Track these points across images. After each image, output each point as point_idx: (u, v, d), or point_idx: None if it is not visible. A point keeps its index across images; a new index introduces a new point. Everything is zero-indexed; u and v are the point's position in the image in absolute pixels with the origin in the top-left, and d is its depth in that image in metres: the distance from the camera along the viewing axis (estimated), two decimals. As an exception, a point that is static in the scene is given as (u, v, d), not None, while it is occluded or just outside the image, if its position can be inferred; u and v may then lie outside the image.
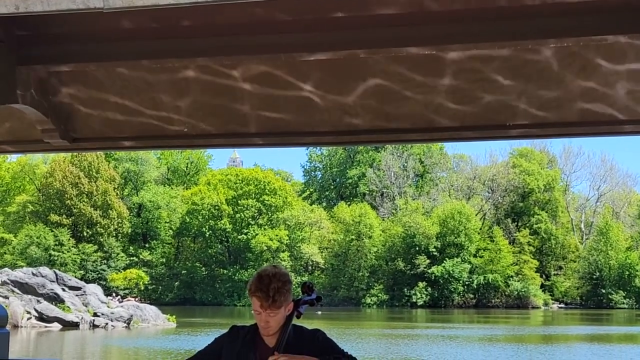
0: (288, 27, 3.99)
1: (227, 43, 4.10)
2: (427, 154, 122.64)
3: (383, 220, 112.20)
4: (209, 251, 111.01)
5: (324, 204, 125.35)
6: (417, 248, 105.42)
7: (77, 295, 53.98)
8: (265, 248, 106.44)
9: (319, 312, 66.54)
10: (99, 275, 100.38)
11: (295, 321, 4.75)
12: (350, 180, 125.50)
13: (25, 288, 51.81)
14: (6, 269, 60.02)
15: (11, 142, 5.11)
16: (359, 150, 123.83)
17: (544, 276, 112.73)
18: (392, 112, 4.42)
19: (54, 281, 53.95)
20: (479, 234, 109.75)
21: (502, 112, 4.32)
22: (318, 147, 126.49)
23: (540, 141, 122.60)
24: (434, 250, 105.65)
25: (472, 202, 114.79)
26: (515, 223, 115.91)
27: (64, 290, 53.41)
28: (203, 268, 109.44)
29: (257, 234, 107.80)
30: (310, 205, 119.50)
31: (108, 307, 55.06)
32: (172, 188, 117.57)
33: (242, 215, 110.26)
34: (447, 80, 4.34)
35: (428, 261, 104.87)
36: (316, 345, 4.64)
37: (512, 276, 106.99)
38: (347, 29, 3.90)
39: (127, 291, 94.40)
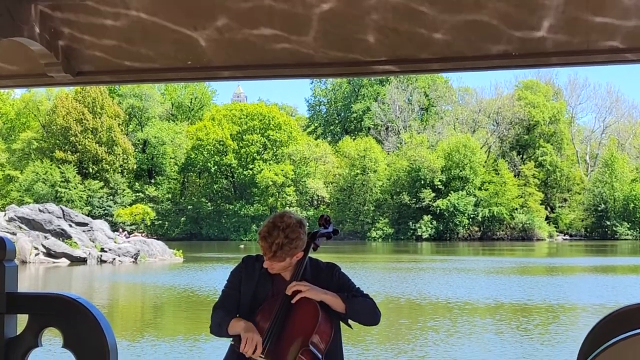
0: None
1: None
2: (432, 87, 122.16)
3: (388, 154, 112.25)
4: (215, 186, 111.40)
5: (329, 138, 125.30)
6: (422, 181, 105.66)
7: (84, 231, 54.26)
8: (270, 183, 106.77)
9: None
10: (106, 211, 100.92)
11: (311, 253, 4.74)
12: (355, 115, 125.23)
13: (32, 224, 52.08)
14: (13, 205, 60.30)
15: (14, 77, 5.04)
16: (364, 84, 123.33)
17: (548, 208, 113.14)
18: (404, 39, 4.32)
19: (60, 217, 54.20)
20: (484, 167, 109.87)
21: (503, 39, 4.22)
22: (322, 81, 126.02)
23: (546, 73, 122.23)
24: (439, 183, 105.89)
25: (477, 135, 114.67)
26: (520, 156, 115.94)
27: (70, 226, 53.69)
28: (209, 203, 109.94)
29: (262, 169, 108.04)
30: (315, 139, 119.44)
31: (115, 242, 55.37)
32: (176, 124, 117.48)
33: (247, 151, 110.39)
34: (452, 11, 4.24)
35: (433, 194, 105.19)
36: (333, 280, 4.63)
37: (517, 209, 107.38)
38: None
39: (133, 227, 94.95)
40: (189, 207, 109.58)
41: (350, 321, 4.59)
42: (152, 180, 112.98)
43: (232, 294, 4.70)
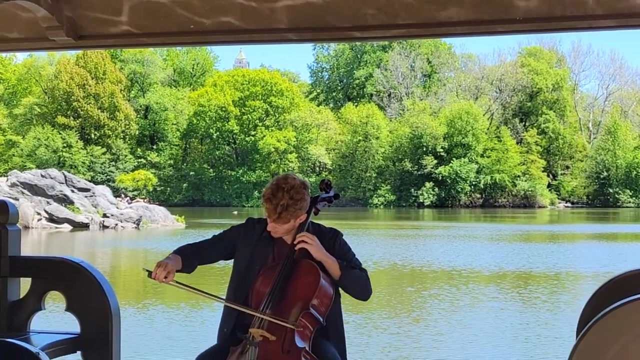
0: None
1: None
2: (435, 54, 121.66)
3: (390, 120, 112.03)
4: (217, 153, 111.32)
5: (331, 105, 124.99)
6: (424, 148, 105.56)
7: (86, 197, 54.29)
8: (272, 149, 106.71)
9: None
10: (108, 177, 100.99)
11: (313, 218, 4.75)
12: (357, 81, 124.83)
13: (34, 190, 52.13)
14: (15, 170, 60.32)
15: (15, 41, 5.02)
16: (366, 50, 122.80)
17: (550, 176, 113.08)
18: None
19: (62, 183, 54.22)
20: (486, 134, 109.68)
21: (505, 4, 4.20)
22: (325, 47, 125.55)
23: (550, 40, 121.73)
24: (441, 150, 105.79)
25: (479, 102, 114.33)
26: (523, 123, 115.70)
27: (73, 192, 53.71)
28: (211, 169, 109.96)
29: (264, 136, 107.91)
30: (318, 106, 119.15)
31: (117, 208, 55.41)
32: (178, 90, 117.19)
33: (249, 117, 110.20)
34: None
35: (435, 161, 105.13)
36: (335, 246, 4.65)
37: (519, 176, 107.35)
38: None
39: (135, 192, 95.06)
40: (191, 173, 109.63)
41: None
42: (154, 146, 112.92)
43: (216, 243, 4.74)
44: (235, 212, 78.16)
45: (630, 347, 3.22)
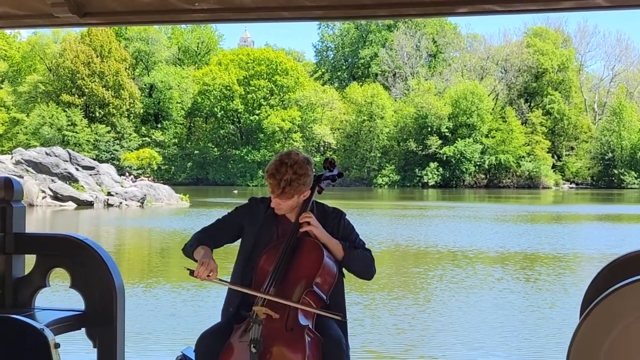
0: None
1: None
2: (440, 34, 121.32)
3: (395, 100, 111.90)
4: (221, 132, 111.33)
5: (336, 84, 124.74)
6: (429, 128, 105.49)
7: (90, 175, 54.37)
8: (277, 129, 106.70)
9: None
10: (112, 155, 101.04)
11: (316, 197, 4.76)
12: (362, 61, 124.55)
13: (39, 167, 52.20)
14: (20, 148, 60.37)
15: (19, 17, 5.00)
16: (372, 30, 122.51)
17: (555, 156, 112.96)
18: None
19: (67, 161, 54.27)
20: (491, 114, 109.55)
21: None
22: (330, 26, 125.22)
23: (556, 20, 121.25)
24: (446, 130, 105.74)
25: (485, 82, 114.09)
26: (528, 103, 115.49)
27: (77, 169, 53.78)
28: (215, 148, 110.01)
29: (269, 115, 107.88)
30: (322, 85, 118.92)
31: (122, 186, 55.49)
32: (183, 68, 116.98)
33: (254, 96, 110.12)
34: None
35: (440, 142, 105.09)
36: (339, 227, 4.65)
37: (523, 156, 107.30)
38: None
39: (140, 171, 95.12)
40: (196, 152, 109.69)
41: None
42: (159, 125, 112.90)
43: (223, 226, 4.72)
44: (236, 192, 78.25)
45: (633, 327, 3.23)
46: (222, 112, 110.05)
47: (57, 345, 3.84)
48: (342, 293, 4.66)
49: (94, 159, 67.35)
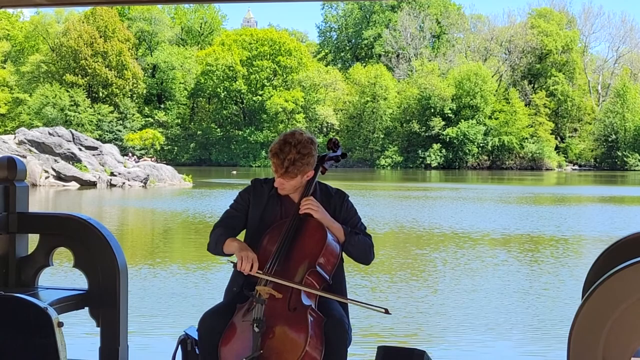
0: None
1: None
2: (444, 14, 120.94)
3: (398, 81, 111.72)
4: (224, 112, 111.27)
5: (339, 65, 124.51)
6: (432, 110, 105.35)
7: (93, 155, 54.32)
8: (280, 109, 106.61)
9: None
10: (115, 135, 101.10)
11: (320, 177, 4.75)
12: (365, 41, 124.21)
13: (42, 147, 52.16)
14: (23, 128, 60.34)
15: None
16: (375, 10, 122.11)
17: (558, 138, 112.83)
18: None
19: (70, 141, 54.21)
20: (494, 95, 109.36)
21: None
22: (334, 7, 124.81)
23: (560, 1, 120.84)
24: (449, 112, 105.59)
25: (488, 63, 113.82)
26: (532, 85, 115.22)
27: (80, 150, 53.72)
28: (218, 129, 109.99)
29: (272, 95, 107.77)
30: (326, 66, 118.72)
31: (125, 166, 55.44)
32: (186, 48, 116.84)
33: (257, 77, 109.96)
34: None
35: (443, 123, 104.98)
36: (342, 209, 4.66)
37: (527, 138, 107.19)
38: None
39: (143, 151, 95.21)
40: (199, 132, 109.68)
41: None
42: (162, 105, 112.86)
43: (235, 215, 4.70)
44: (235, 172, 78.28)
45: (634, 309, 3.24)
46: (225, 92, 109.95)
47: (60, 324, 3.86)
48: (342, 275, 4.67)
49: (97, 139, 67.35)
